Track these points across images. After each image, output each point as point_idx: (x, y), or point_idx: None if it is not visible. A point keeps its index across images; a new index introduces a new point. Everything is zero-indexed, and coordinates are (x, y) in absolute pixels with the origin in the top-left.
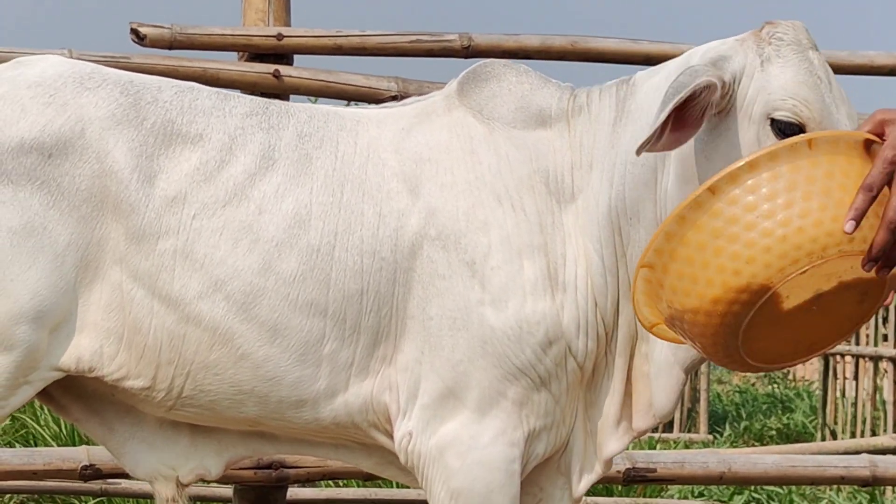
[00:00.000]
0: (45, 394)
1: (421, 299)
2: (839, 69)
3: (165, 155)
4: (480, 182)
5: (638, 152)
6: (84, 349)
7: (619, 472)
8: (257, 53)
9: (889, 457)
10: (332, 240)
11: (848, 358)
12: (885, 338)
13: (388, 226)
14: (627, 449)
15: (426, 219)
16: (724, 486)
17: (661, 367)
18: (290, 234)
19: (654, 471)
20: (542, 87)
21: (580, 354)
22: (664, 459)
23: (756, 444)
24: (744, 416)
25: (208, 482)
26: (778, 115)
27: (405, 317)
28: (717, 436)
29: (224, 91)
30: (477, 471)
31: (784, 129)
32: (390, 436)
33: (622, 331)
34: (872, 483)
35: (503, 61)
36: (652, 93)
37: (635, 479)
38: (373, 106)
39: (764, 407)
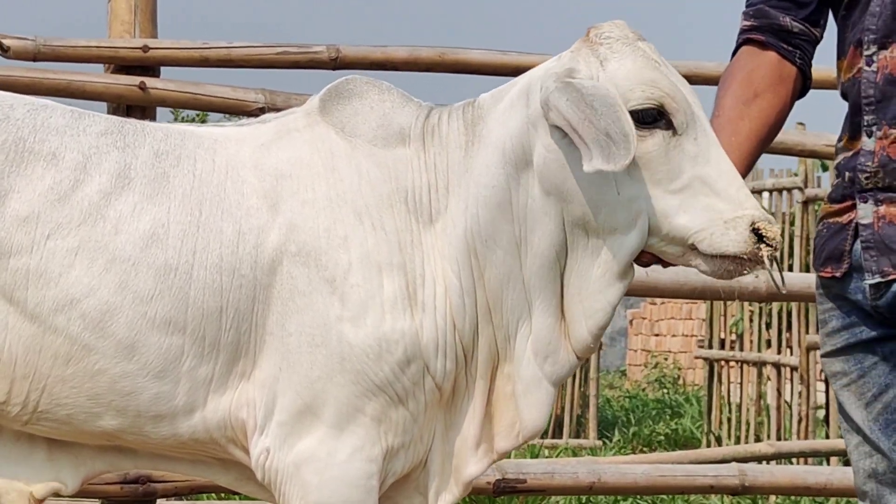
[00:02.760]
0: None
1: (280, 315)
2: (708, 80)
3: (17, 173)
4: (341, 199)
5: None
6: None
7: (488, 482)
8: (123, 65)
9: (759, 465)
10: (191, 258)
11: (732, 363)
12: (769, 343)
13: (247, 243)
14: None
15: (286, 234)
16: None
17: (528, 384)
18: (147, 254)
19: (524, 482)
20: (403, 106)
21: (438, 374)
22: (534, 470)
23: (645, 449)
24: (633, 421)
25: (68, 496)
26: (632, 104)
27: (264, 333)
28: (607, 441)
29: (79, 110)
30: (334, 486)
31: (643, 116)
32: (248, 452)
33: (482, 353)
34: (742, 492)
35: (365, 78)
36: (501, 120)
37: (505, 491)
38: (230, 124)
39: (653, 412)
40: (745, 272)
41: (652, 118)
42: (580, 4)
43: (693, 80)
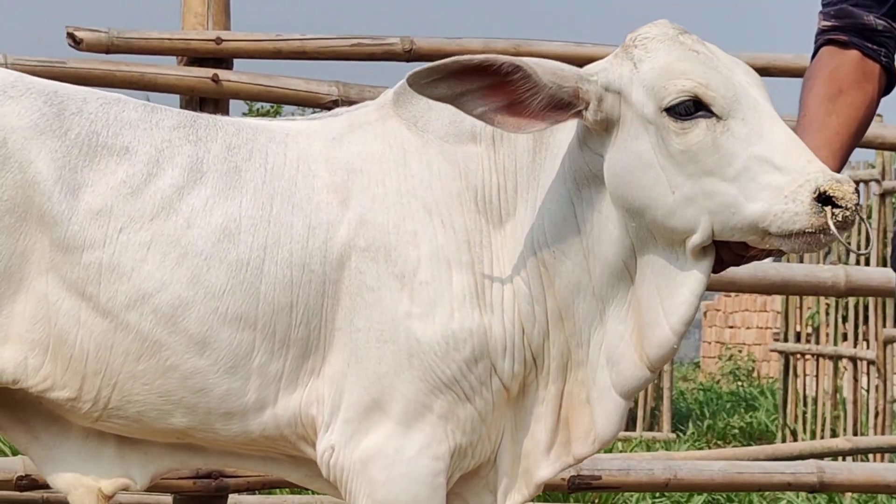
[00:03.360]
0: None
1: (349, 311)
2: (785, 72)
3: (90, 167)
4: (411, 195)
5: (409, 82)
6: (7, 361)
7: (563, 479)
8: (196, 57)
9: (837, 462)
10: (262, 253)
11: (808, 356)
12: (845, 337)
13: (317, 238)
14: None
15: (356, 229)
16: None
17: (601, 392)
18: (219, 248)
19: (599, 478)
20: None
21: (506, 376)
22: (609, 466)
23: (719, 443)
24: (707, 414)
25: (146, 491)
26: (667, 101)
27: (333, 329)
28: (681, 434)
29: (151, 104)
30: (402, 484)
31: (680, 110)
32: None
33: (555, 359)
34: (819, 489)
35: None
36: (569, 135)
37: (580, 487)
38: (302, 118)
39: (727, 405)
40: (826, 243)
41: (690, 110)
42: None
43: (771, 72)
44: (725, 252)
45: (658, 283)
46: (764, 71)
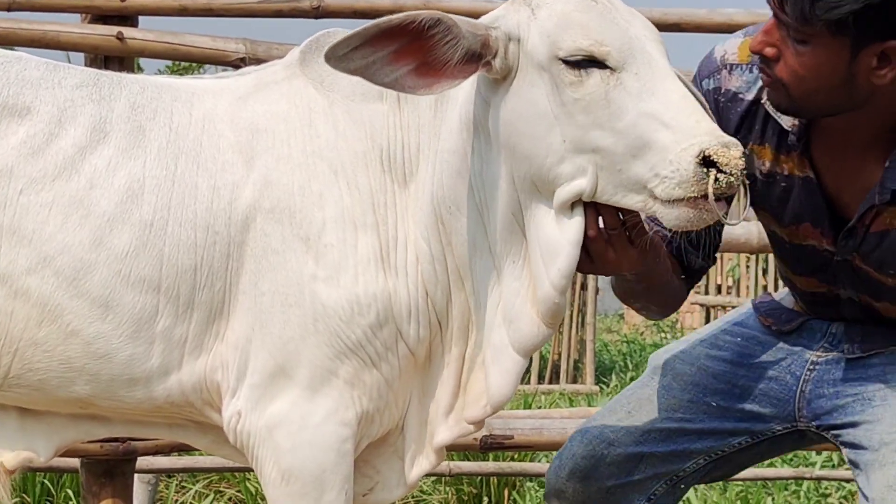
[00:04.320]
0: None
1: (253, 274)
2: (698, 27)
3: None
4: (317, 156)
5: (326, 57)
6: None
7: (475, 439)
8: (100, 15)
9: None
10: (166, 214)
11: (729, 308)
12: (765, 289)
13: (222, 198)
14: None
15: (261, 191)
16: None
17: (496, 351)
18: (123, 209)
19: (511, 437)
20: None
21: (412, 340)
22: (521, 426)
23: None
24: (630, 366)
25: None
26: (562, 53)
27: (237, 292)
28: (604, 387)
29: (54, 62)
30: (308, 450)
31: (575, 64)
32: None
33: (456, 321)
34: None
35: (345, 31)
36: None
37: (492, 447)
38: (208, 76)
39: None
40: (711, 216)
41: (584, 65)
42: None
43: (683, 27)
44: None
45: (539, 237)
46: (676, 27)
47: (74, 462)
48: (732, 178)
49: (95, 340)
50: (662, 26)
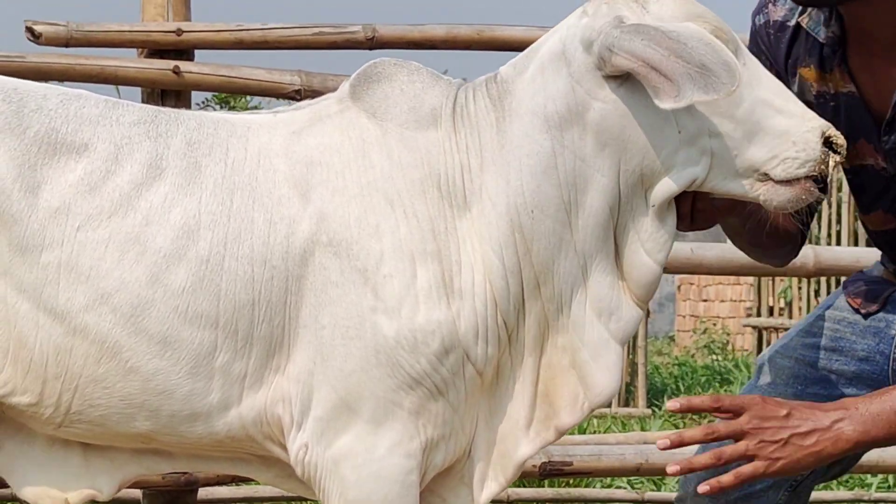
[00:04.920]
0: None
1: (313, 307)
2: None
3: (50, 165)
4: (372, 186)
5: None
6: None
7: (534, 466)
8: (157, 50)
9: None
10: (222, 249)
11: (782, 331)
12: None
13: (278, 233)
14: None
15: (317, 224)
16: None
17: (596, 347)
18: (179, 245)
19: (571, 464)
20: (433, 86)
21: (479, 361)
22: (581, 452)
23: (694, 419)
24: (682, 389)
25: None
26: None
27: (297, 326)
28: (656, 410)
29: (113, 99)
30: (373, 483)
31: None
32: (286, 448)
33: (530, 331)
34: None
35: (394, 60)
36: (533, 88)
37: (551, 473)
38: (265, 112)
39: (703, 379)
40: (815, 195)
41: None
42: None
43: None
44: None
45: (637, 227)
46: None
47: (136, 493)
48: (841, 159)
49: (154, 377)
50: None
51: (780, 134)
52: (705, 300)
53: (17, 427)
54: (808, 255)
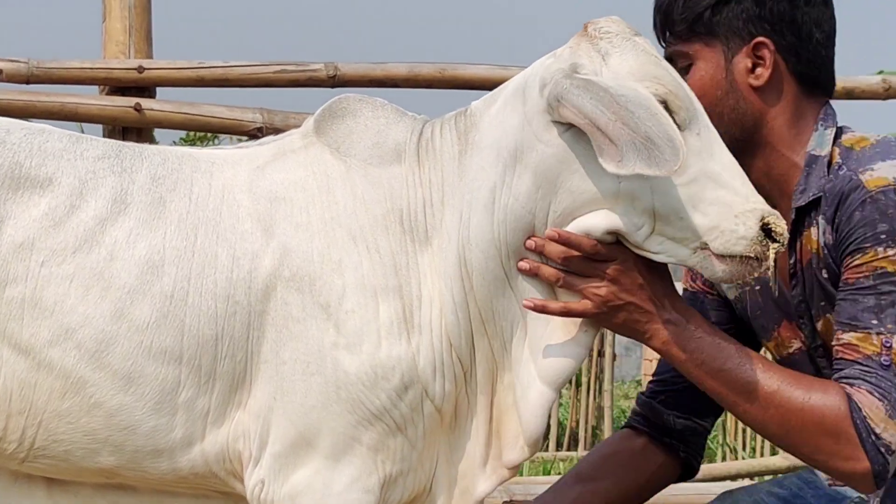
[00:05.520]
0: None
1: (274, 343)
2: None
3: (13, 199)
4: (336, 222)
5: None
6: None
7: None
8: (118, 87)
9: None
10: (186, 285)
11: None
12: None
13: (241, 268)
14: (518, 475)
15: (280, 259)
16: None
17: (525, 386)
18: (143, 281)
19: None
20: (398, 122)
21: (437, 397)
22: (541, 491)
23: None
24: None
25: None
26: None
27: (259, 361)
28: None
29: (77, 134)
30: None
31: None
32: None
33: (480, 367)
34: None
35: (358, 96)
36: (495, 122)
37: None
38: (229, 147)
39: None
40: (755, 274)
41: None
42: (579, 18)
43: None
44: None
45: None
46: None
47: None
48: (782, 249)
49: (119, 412)
50: None
51: (722, 206)
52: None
53: None
54: None
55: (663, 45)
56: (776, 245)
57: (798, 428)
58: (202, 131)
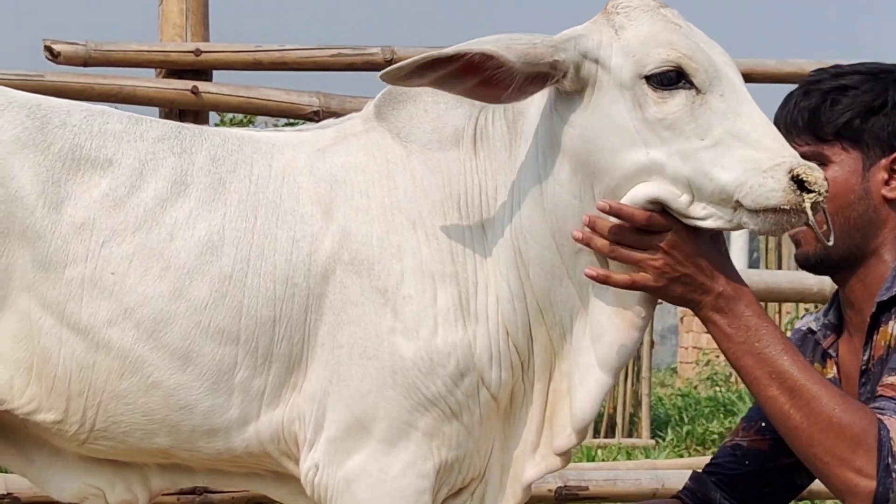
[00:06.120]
0: None
1: (332, 326)
2: (768, 77)
3: (74, 180)
4: (395, 207)
5: (382, 77)
6: None
7: (550, 490)
8: (175, 70)
9: None
10: (245, 266)
11: None
12: None
13: (301, 250)
14: None
15: (340, 242)
16: None
17: (583, 372)
18: (202, 261)
19: (586, 489)
20: (456, 107)
21: (493, 385)
22: (596, 477)
23: (699, 448)
24: (686, 420)
25: None
26: (649, 69)
27: (315, 344)
28: (660, 440)
29: (136, 115)
30: (387, 502)
31: (661, 79)
32: None
33: (538, 357)
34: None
35: None
36: (534, 110)
37: (567, 498)
38: (290, 129)
39: (706, 411)
40: (794, 225)
41: (671, 80)
42: None
43: (753, 77)
44: None
45: None
46: (746, 77)
47: None
48: (820, 198)
49: (176, 392)
50: None
51: (750, 163)
52: (708, 332)
53: (44, 440)
54: (824, 280)
55: (796, 140)
56: (811, 195)
57: (822, 426)
58: (259, 114)
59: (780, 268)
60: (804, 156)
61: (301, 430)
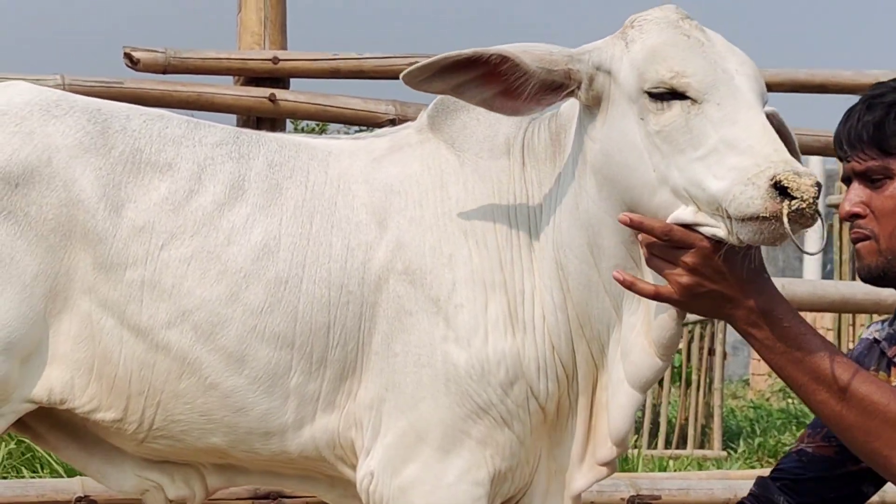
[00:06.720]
0: (20, 423)
1: (386, 335)
2: (843, 89)
3: (133, 184)
4: (448, 217)
5: (403, 78)
6: (55, 380)
7: (622, 499)
8: (253, 77)
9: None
10: (300, 272)
11: None
12: None
13: (355, 258)
14: (635, 472)
15: (394, 252)
16: None
17: (615, 387)
18: (258, 265)
19: (659, 498)
20: (508, 117)
21: (542, 396)
22: (669, 486)
23: (770, 460)
24: (758, 431)
25: None
26: (647, 86)
27: (370, 352)
28: (732, 452)
29: (195, 120)
30: None
31: (658, 96)
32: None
33: (581, 369)
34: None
35: None
36: (575, 125)
37: None
38: (346, 136)
39: (778, 422)
40: (780, 231)
41: (666, 94)
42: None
43: (829, 88)
44: None
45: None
46: (822, 88)
47: None
48: (804, 205)
49: (232, 394)
50: (808, 87)
51: (738, 172)
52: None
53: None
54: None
55: (861, 155)
56: (794, 202)
57: (879, 419)
58: (336, 122)
59: (853, 279)
60: (870, 170)
61: (358, 437)
